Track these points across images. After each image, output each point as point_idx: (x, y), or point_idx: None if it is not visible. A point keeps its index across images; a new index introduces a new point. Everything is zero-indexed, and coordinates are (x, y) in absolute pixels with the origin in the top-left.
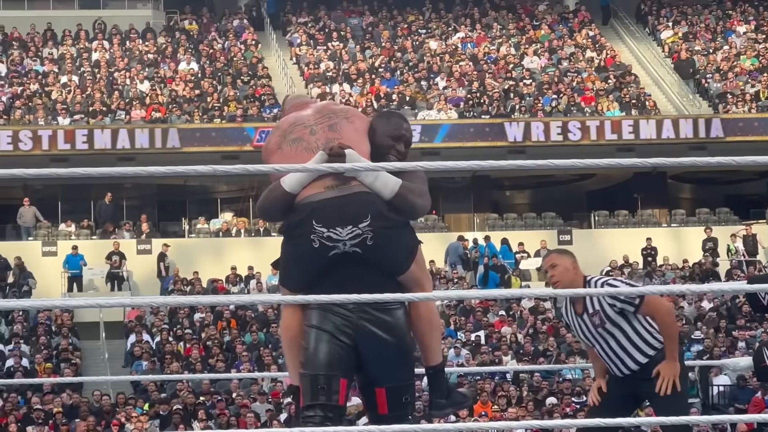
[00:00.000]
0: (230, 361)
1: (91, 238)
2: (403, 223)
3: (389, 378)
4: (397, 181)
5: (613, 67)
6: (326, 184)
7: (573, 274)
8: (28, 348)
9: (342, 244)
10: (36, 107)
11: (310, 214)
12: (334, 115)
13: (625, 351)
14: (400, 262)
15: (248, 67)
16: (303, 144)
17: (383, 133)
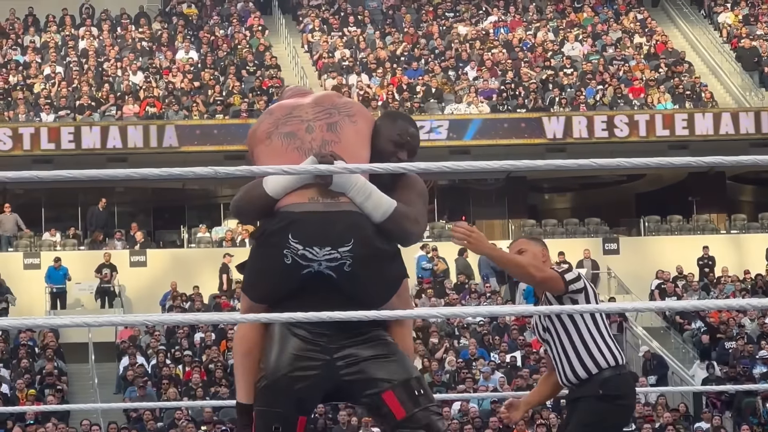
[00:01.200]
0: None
1: (78, 249)
2: (391, 252)
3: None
4: (390, 203)
5: (665, 54)
6: (311, 195)
7: (541, 263)
8: (8, 372)
9: (317, 263)
10: (16, 102)
11: (287, 225)
12: (336, 111)
13: (567, 357)
14: (378, 296)
15: (254, 56)
16: (296, 142)
17: (386, 136)
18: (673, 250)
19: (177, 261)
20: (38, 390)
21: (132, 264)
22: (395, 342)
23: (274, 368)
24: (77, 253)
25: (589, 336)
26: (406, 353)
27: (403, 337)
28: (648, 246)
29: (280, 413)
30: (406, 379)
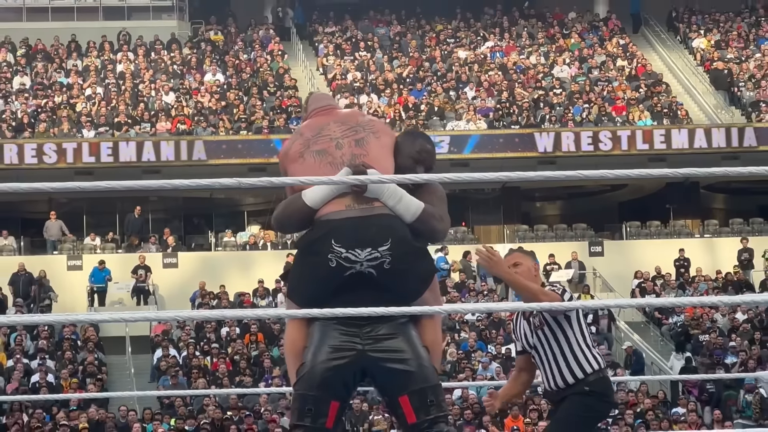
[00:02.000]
0: (258, 376)
1: (116, 252)
2: (423, 249)
3: (409, 383)
4: (419, 205)
5: (645, 76)
6: (348, 202)
7: (533, 277)
8: (53, 363)
9: (359, 264)
10: (60, 119)
11: (329, 232)
12: (362, 128)
13: (557, 364)
14: (414, 289)
15: (274, 78)
16: (328, 158)
17: (406, 153)
18: (652, 253)
19: (205, 263)
20: (80, 379)
21: (165, 265)
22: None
23: (313, 358)
24: (115, 255)
25: (577, 344)
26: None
27: (434, 328)
28: (629, 249)
29: (315, 397)
30: (422, 388)
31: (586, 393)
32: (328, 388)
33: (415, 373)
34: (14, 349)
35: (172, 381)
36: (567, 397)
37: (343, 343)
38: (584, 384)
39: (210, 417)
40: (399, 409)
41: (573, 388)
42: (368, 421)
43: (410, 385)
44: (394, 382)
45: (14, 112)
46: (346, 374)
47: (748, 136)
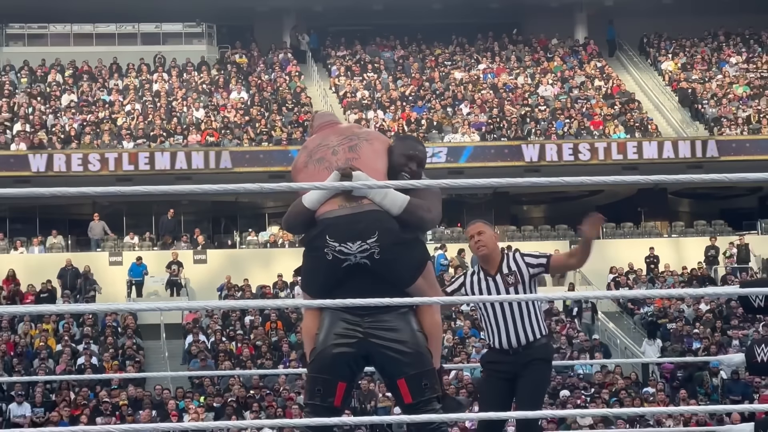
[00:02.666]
0: (277, 359)
1: (152, 249)
2: (412, 239)
3: (406, 369)
4: (404, 198)
5: (619, 95)
6: (340, 202)
7: (495, 243)
8: (96, 348)
9: (353, 256)
10: (103, 132)
11: (324, 229)
12: (356, 137)
13: (521, 321)
14: (406, 276)
15: (292, 96)
16: (325, 164)
17: (399, 152)
18: (626, 251)
19: (231, 259)
20: (120, 362)
21: (195, 261)
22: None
23: (323, 343)
24: (151, 252)
25: (537, 307)
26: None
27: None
28: (605, 247)
29: (324, 379)
30: (418, 373)
31: (547, 360)
32: (335, 370)
33: (412, 359)
34: (62, 335)
35: (202, 363)
36: (530, 363)
37: (347, 331)
38: (542, 348)
39: (235, 395)
40: (397, 391)
41: (532, 351)
42: (375, 399)
43: (407, 369)
44: (393, 366)
45: (63, 126)
46: (350, 359)
47: (710, 147)
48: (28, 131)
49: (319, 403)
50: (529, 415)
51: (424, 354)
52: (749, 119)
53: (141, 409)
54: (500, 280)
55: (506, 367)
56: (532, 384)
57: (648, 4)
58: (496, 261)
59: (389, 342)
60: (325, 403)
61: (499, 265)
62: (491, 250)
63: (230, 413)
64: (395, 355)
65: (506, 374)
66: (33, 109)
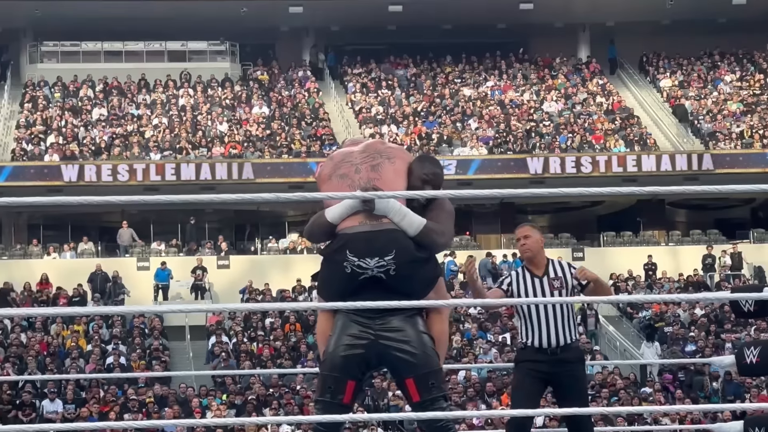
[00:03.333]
0: (296, 359)
1: (178, 255)
2: (425, 257)
3: (414, 368)
4: (421, 221)
5: (619, 111)
6: (361, 219)
7: (540, 247)
8: (125, 348)
9: (370, 270)
10: (132, 144)
11: (345, 244)
12: (379, 155)
13: (563, 323)
14: (418, 291)
15: (311, 111)
16: (348, 181)
17: (416, 175)
18: (626, 258)
19: (253, 264)
20: (147, 361)
21: (219, 266)
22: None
23: (334, 345)
24: (177, 258)
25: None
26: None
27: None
28: (606, 255)
29: (335, 377)
30: (426, 373)
31: (582, 360)
32: (346, 370)
33: (420, 360)
34: (92, 336)
35: (224, 363)
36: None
37: (359, 333)
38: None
39: (255, 393)
40: (405, 389)
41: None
42: (387, 397)
43: (415, 369)
44: (402, 366)
45: (93, 138)
46: (360, 359)
47: (706, 161)
48: (61, 143)
49: (329, 400)
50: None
51: (431, 355)
52: (742, 134)
53: (166, 407)
54: (546, 283)
55: (543, 366)
56: (577, 384)
57: (647, 24)
58: (542, 264)
59: (398, 343)
60: (335, 399)
61: (545, 269)
62: (535, 253)
63: (250, 410)
64: (403, 355)
65: (542, 374)
66: (65, 122)
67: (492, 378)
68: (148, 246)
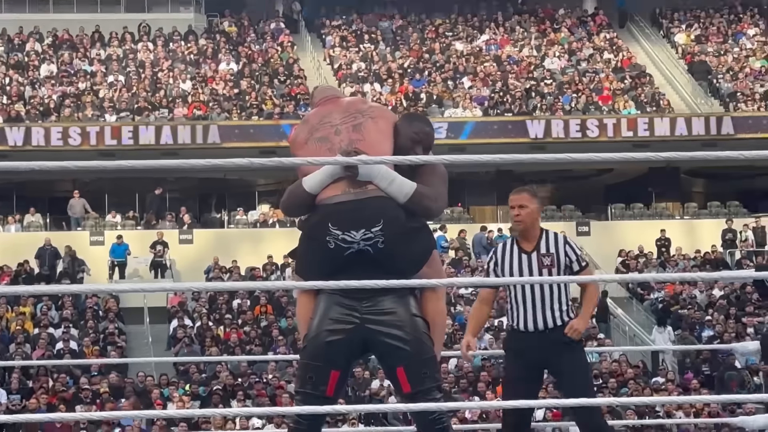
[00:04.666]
0: (267, 345)
1: (135, 229)
2: (417, 227)
3: (405, 356)
4: (411, 186)
5: (630, 68)
6: (343, 187)
7: (535, 219)
8: (76, 332)
9: (356, 244)
10: (85, 105)
11: (326, 216)
12: (360, 114)
13: (551, 302)
14: (410, 266)
15: (284, 68)
16: (327, 144)
17: (404, 135)
18: (636, 233)
19: (219, 239)
20: (101, 347)
21: (181, 241)
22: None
23: (317, 328)
24: (135, 232)
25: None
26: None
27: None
28: (614, 229)
29: (317, 366)
30: (418, 361)
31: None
32: (328, 358)
33: (411, 347)
34: (40, 319)
35: (187, 349)
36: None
37: (342, 316)
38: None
39: (222, 383)
40: (395, 379)
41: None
42: (369, 389)
43: (406, 357)
44: (392, 354)
45: (41, 98)
46: (345, 346)
47: (725, 124)
48: (5, 103)
49: (310, 392)
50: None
51: (424, 341)
52: (766, 94)
53: (123, 398)
54: (535, 259)
55: (531, 352)
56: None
57: None
58: (533, 238)
59: (387, 328)
60: (317, 391)
61: (537, 243)
62: (527, 226)
63: (217, 402)
64: (393, 341)
65: (531, 360)
66: (10, 79)
67: (486, 367)
68: (102, 218)
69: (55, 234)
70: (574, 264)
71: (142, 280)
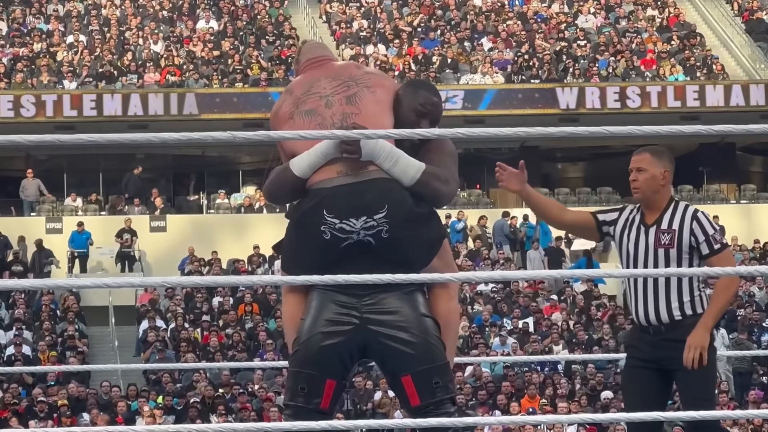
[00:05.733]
0: (252, 350)
1: (99, 214)
2: (426, 214)
3: (413, 363)
4: (419, 167)
5: (677, 27)
6: (339, 168)
7: (659, 186)
8: (30, 334)
9: (356, 234)
10: (40, 69)
11: (320, 202)
12: (354, 83)
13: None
14: (418, 258)
15: (273, 26)
16: (317, 119)
17: (408, 106)
18: None
19: (196, 226)
20: (59, 352)
21: (152, 229)
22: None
23: (308, 332)
24: (98, 218)
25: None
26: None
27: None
28: None
29: (309, 375)
30: (428, 369)
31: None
32: (323, 365)
33: (420, 351)
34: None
35: (159, 355)
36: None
37: (340, 316)
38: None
39: (200, 394)
40: (401, 390)
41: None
42: (372, 401)
43: (414, 364)
44: (397, 360)
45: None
46: (342, 350)
47: None
48: None
49: (302, 405)
50: (634, 417)
51: (435, 345)
52: None
53: (84, 411)
54: (653, 235)
55: (649, 352)
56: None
57: None
58: (657, 209)
59: (391, 329)
60: (310, 404)
61: (660, 216)
62: (647, 195)
63: (194, 416)
64: (399, 346)
65: (650, 362)
66: None
67: (509, 376)
68: (60, 202)
69: (5, 220)
70: (702, 246)
71: (106, 274)
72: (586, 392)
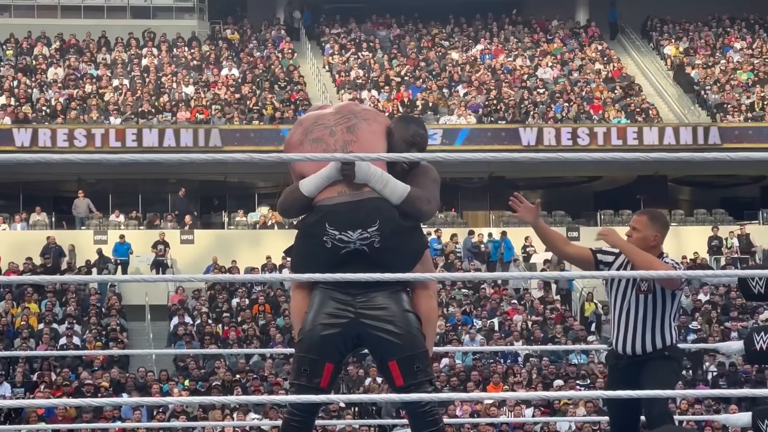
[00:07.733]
0: (264, 343)
1: (138, 229)
2: (411, 228)
3: (398, 350)
4: (405, 188)
5: (620, 79)
6: (339, 189)
7: (648, 247)
8: (80, 328)
9: (352, 243)
10: (90, 108)
11: (323, 216)
12: (354, 116)
13: (643, 331)
14: (404, 265)
15: (285, 74)
16: (322, 145)
17: (399, 137)
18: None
19: (219, 240)
20: (104, 343)
21: (182, 242)
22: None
23: (311, 324)
24: (137, 231)
25: (669, 318)
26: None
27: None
28: None
29: (311, 359)
30: (410, 355)
31: (666, 357)
32: (323, 351)
33: (404, 341)
34: (45, 315)
35: (187, 346)
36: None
37: (337, 311)
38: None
39: (220, 379)
40: (388, 373)
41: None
42: (363, 386)
43: (399, 351)
44: (384, 348)
45: (48, 100)
46: (339, 339)
47: (712, 134)
48: (13, 105)
49: (305, 384)
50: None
51: (417, 336)
52: (753, 106)
53: (124, 392)
54: (638, 285)
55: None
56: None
57: None
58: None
59: (381, 322)
60: (311, 383)
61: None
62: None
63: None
64: (387, 336)
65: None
66: (18, 82)
67: (477, 366)
68: (105, 218)
69: (59, 232)
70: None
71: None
72: (541, 380)
